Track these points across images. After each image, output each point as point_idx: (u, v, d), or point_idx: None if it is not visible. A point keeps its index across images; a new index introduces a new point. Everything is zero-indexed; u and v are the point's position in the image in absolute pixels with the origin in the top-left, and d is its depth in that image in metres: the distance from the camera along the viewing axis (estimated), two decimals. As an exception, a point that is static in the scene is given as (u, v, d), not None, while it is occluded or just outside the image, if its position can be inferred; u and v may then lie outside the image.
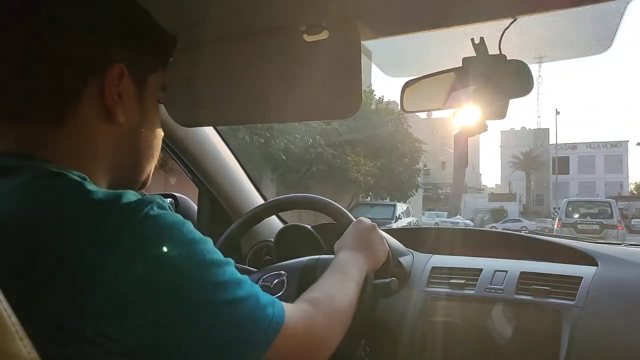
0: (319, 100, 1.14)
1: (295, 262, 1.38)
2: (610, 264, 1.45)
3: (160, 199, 0.70)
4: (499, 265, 1.53)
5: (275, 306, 0.76)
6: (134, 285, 0.63)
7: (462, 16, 1.00)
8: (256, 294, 0.75)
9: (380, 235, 1.23)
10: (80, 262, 0.62)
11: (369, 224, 1.24)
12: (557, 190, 45.44)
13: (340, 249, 1.17)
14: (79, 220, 0.64)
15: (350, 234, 1.21)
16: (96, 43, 0.75)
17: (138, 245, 0.64)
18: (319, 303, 0.88)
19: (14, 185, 0.67)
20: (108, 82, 0.76)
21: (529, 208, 50.77)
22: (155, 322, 0.64)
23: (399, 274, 1.56)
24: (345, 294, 0.97)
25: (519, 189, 53.00)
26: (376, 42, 1.13)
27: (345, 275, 1.03)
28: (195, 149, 1.78)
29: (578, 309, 1.32)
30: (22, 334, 0.50)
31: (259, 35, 1.10)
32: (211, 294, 0.69)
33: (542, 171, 52.53)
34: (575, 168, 53.70)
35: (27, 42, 0.72)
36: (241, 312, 0.71)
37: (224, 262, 0.73)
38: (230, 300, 0.70)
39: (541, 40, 1.24)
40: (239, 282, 0.73)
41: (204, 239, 0.71)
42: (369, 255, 1.15)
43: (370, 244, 1.18)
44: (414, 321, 1.49)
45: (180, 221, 0.69)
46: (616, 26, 1.06)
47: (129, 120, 0.80)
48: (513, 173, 53.50)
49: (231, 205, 1.94)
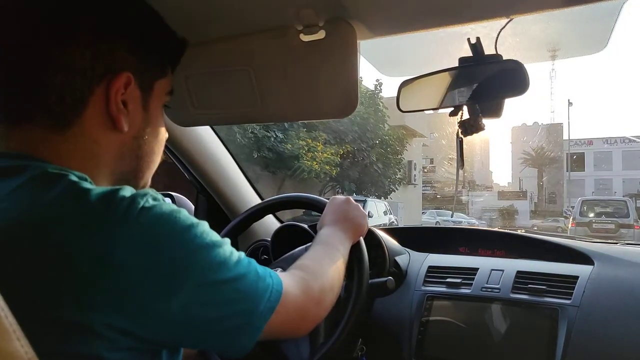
0: (316, 100, 1.14)
1: (289, 256, 1.40)
2: (606, 263, 1.46)
3: (153, 191, 0.72)
4: (496, 265, 1.54)
5: (272, 277, 0.81)
6: (138, 275, 0.64)
7: (458, 16, 1.00)
8: (255, 267, 0.79)
9: (356, 205, 1.25)
10: (82, 257, 0.62)
11: (342, 198, 1.26)
12: (572, 188, 42.19)
13: (320, 227, 1.20)
14: (78, 218, 0.65)
15: (327, 211, 1.24)
16: (103, 51, 0.75)
17: (138, 236, 0.66)
18: (309, 268, 0.94)
19: (15, 185, 0.68)
20: (113, 91, 0.76)
21: (541, 206, 47.77)
22: (162, 308, 0.66)
23: (395, 273, 1.56)
24: (332, 260, 1.02)
25: (530, 187, 50.15)
26: (373, 41, 1.13)
27: (328, 246, 1.08)
28: (192, 149, 1.77)
29: (574, 308, 1.33)
30: (20, 334, 0.50)
31: (256, 35, 1.10)
32: (213, 274, 0.71)
33: (556, 168, 49.68)
34: (591, 164, 49.48)
35: (33, 48, 0.72)
36: (244, 287, 0.75)
37: (222, 242, 0.75)
38: (233, 278, 0.74)
39: (536, 40, 1.24)
40: (238, 260, 0.76)
41: (200, 223, 0.73)
42: (347, 226, 1.18)
43: (347, 215, 1.21)
44: (411, 320, 1.50)
45: (175, 209, 0.71)
46: (612, 26, 1.06)
47: (133, 127, 0.81)
48: (524, 170, 50.82)
49: (228, 205, 1.94)
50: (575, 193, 39.18)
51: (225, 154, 1.90)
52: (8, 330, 0.49)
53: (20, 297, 0.54)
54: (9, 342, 0.48)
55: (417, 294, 1.54)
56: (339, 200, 1.25)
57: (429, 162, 46.94)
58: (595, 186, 46.94)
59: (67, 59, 0.72)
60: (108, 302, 0.63)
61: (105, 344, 0.63)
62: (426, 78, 1.19)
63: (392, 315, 1.51)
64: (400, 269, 1.60)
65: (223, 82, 1.20)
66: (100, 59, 0.74)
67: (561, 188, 46.76)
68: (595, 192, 43.40)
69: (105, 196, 0.67)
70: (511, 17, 0.99)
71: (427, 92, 1.22)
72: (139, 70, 0.79)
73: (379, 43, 1.16)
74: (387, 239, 1.63)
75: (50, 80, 0.72)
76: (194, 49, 1.15)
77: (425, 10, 1.01)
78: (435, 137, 37.77)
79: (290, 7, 0.99)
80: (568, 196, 38.76)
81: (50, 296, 0.62)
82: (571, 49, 1.24)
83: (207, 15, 1.05)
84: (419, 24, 1.06)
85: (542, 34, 1.20)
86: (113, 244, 0.64)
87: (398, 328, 1.51)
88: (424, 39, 1.21)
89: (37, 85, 0.72)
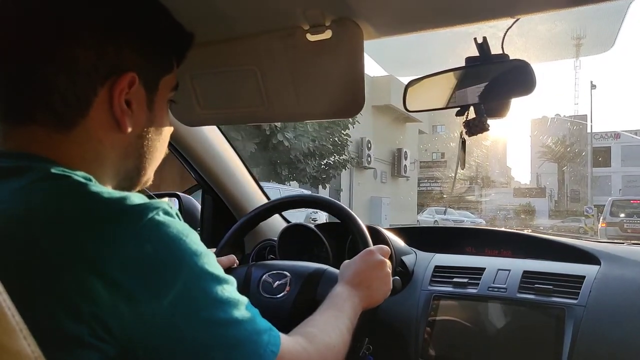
0: (322, 99, 1.14)
1: (302, 267, 1.37)
2: (613, 262, 1.45)
3: (168, 205, 0.69)
4: (502, 264, 1.54)
5: (271, 334, 0.74)
6: (131, 288, 0.61)
7: (464, 16, 1.00)
8: (254, 318, 0.73)
9: (387, 273, 1.18)
10: (80, 260, 0.61)
11: (377, 261, 1.18)
12: (597, 185, 38.49)
13: (342, 279, 1.15)
14: (82, 221, 0.63)
15: (356, 266, 1.17)
16: (108, 51, 0.73)
17: (138, 249, 0.63)
18: (314, 339, 0.87)
19: (18, 186, 0.67)
20: (117, 91, 0.74)
21: (562, 205, 44.64)
22: (150, 326, 0.63)
23: (401, 272, 1.56)
24: (339, 331, 0.96)
25: (550, 184, 46.53)
26: (380, 41, 1.13)
27: (340, 312, 1.02)
28: (199, 148, 1.78)
29: (581, 308, 1.33)
30: (26, 333, 0.50)
31: (262, 35, 1.10)
32: (206, 311, 0.67)
33: (578, 163, 45.06)
34: (618, 159, 44.49)
35: (36, 48, 0.71)
36: (236, 335, 0.69)
37: (224, 279, 0.71)
38: (226, 321, 0.68)
39: (543, 39, 1.24)
40: (237, 303, 0.71)
41: (206, 253, 0.70)
42: (366, 294, 1.12)
43: (371, 284, 1.14)
44: (417, 320, 1.50)
45: (185, 230, 0.68)
46: (619, 26, 1.06)
47: (137, 126, 0.79)
48: (543, 165, 47.08)
49: (234, 205, 1.95)
50: (600, 191, 36.66)
51: (231, 153, 1.90)
52: (15, 329, 0.49)
53: (22, 298, 0.53)
54: (15, 340, 0.49)
55: (424, 294, 1.54)
56: (374, 262, 1.17)
57: (439, 155, 44.65)
58: (622, 183, 43.04)
59: (71, 59, 0.71)
60: (99, 311, 0.60)
61: (94, 353, 0.61)
62: (432, 78, 1.19)
63: (398, 315, 1.51)
64: (406, 269, 1.60)
65: (229, 82, 1.20)
66: (105, 60, 0.73)
67: (585, 185, 41.82)
68: (623, 189, 40.18)
69: (112, 202, 0.65)
70: (517, 17, 0.99)
71: (434, 92, 1.21)
72: (144, 68, 0.77)
73: (385, 43, 1.16)
74: (394, 239, 1.63)
75: (54, 80, 0.71)
76: (200, 49, 1.16)
77: (432, 11, 1.01)
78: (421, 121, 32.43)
79: (297, 7, 0.99)
80: (592, 195, 35.51)
81: (47, 300, 0.60)
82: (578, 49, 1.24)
83: (213, 15, 1.05)
84: (425, 24, 1.06)
85: (549, 34, 1.19)
86: (110, 252, 0.61)
87: (404, 327, 1.51)
88: (431, 39, 1.21)
89: (40, 85, 0.71)
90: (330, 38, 1.04)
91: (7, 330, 0.48)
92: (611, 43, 1.11)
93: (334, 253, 1.69)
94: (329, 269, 1.34)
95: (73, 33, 0.72)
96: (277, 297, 1.31)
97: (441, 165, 42.20)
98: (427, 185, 40.29)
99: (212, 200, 1.98)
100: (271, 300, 1.31)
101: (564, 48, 1.27)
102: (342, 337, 0.95)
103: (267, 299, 1.32)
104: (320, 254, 1.72)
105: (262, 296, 1.33)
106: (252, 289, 1.36)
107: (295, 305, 1.29)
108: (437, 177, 40.90)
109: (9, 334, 0.48)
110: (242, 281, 1.37)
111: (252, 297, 1.33)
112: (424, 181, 40.43)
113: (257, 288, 1.36)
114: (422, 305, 1.52)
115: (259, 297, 1.33)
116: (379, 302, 1.16)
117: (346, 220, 1.40)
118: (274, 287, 1.34)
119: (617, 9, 1.01)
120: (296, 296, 1.30)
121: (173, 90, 0.87)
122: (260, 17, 1.07)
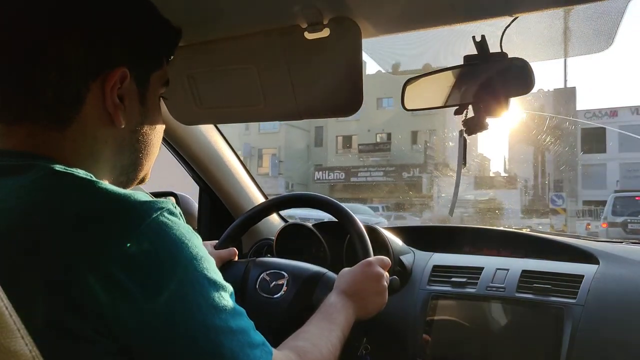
0: (321, 98, 1.14)
1: (301, 269, 1.36)
2: (611, 262, 1.45)
3: (173, 206, 0.69)
4: (501, 264, 1.54)
5: (264, 350, 0.73)
6: (129, 286, 0.61)
7: (463, 14, 1.00)
8: (248, 330, 0.72)
9: (383, 286, 1.19)
10: (82, 257, 0.61)
11: (375, 273, 1.18)
12: (588, 175, 28.70)
13: (338, 287, 1.16)
14: (85, 218, 0.63)
15: (353, 276, 1.18)
16: (98, 47, 0.74)
17: (138, 247, 0.63)
18: (305, 355, 0.87)
19: (20, 184, 0.67)
20: (109, 87, 0.75)
21: (540, 200, 29.22)
22: (147, 324, 0.63)
23: (400, 272, 1.56)
24: (332, 345, 0.96)
25: (527, 173, 30.82)
26: (378, 39, 1.13)
27: (333, 324, 1.02)
28: (196, 147, 1.78)
29: (579, 307, 1.33)
30: (24, 332, 0.50)
31: (260, 33, 1.10)
32: (201, 314, 0.66)
33: (565, 147, 29.50)
34: (615, 143, 31.84)
35: (27, 45, 0.71)
36: (229, 345, 0.68)
37: (223, 286, 0.70)
38: (221, 328, 0.68)
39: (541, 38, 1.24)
40: (233, 312, 0.70)
41: (207, 258, 0.69)
42: (361, 306, 1.13)
43: (367, 296, 1.15)
44: (415, 319, 1.50)
45: (187, 233, 0.68)
46: (617, 24, 1.06)
47: (131, 121, 0.80)
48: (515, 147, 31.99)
49: (232, 204, 1.95)
50: (592, 183, 28.73)
51: (229, 152, 1.90)
52: (13, 329, 0.49)
53: (23, 297, 0.53)
54: (14, 340, 0.48)
55: (422, 293, 1.54)
56: (373, 274, 1.18)
57: (386, 137, 34.25)
58: (621, 173, 32.29)
59: (61, 55, 0.71)
60: (100, 308, 0.60)
61: (96, 348, 0.61)
62: (431, 76, 1.18)
63: (397, 314, 1.51)
64: (405, 268, 1.60)
65: (227, 81, 1.20)
66: (95, 55, 0.73)
67: (575, 175, 28.68)
68: (622, 181, 30.09)
69: (116, 200, 0.65)
70: (515, 15, 0.99)
71: (432, 91, 1.21)
72: (135, 64, 0.78)
73: (383, 41, 1.16)
74: (392, 238, 1.63)
75: (45, 77, 0.71)
76: (198, 48, 1.16)
77: (430, 9, 1.01)
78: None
79: (295, 5, 0.99)
80: (584, 186, 27.73)
81: (49, 297, 0.60)
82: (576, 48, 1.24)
83: (211, 14, 1.05)
84: (423, 22, 1.06)
85: (547, 32, 1.19)
86: (111, 249, 0.61)
87: (403, 327, 1.51)
88: (429, 37, 1.21)
89: (33, 82, 0.71)
90: (328, 36, 1.04)
91: (5, 330, 0.48)
92: (610, 41, 1.11)
93: (332, 252, 1.69)
94: (327, 273, 1.33)
95: (63, 29, 0.72)
96: (274, 297, 1.31)
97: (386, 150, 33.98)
98: (366, 175, 32.39)
99: (210, 200, 1.97)
100: (268, 299, 1.31)
101: (563, 46, 1.27)
102: (334, 350, 0.96)
103: (263, 297, 1.31)
104: (318, 253, 1.72)
105: (259, 294, 1.33)
106: (249, 286, 1.35)
107: (290, 306, 1.28)
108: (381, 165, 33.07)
109: (7, 334, 0.48)
110: (240, 277, 1.37)
111: (249, 294, 1.33)
112: (363, 170, 32.52)
113: (254, 286, 1.35)
114: (420, 305, 1.52)
115: (256, 295, 1.33)
116: (372, 314, 1.17)
117: (345, 221, 1.40)
118: (271, 286, 1.33)
119: (615, 7, 1.00)
120: (293, 298, 1.29)
121: (164, 85, 0.88)
122: (257, 15, 1.06)
